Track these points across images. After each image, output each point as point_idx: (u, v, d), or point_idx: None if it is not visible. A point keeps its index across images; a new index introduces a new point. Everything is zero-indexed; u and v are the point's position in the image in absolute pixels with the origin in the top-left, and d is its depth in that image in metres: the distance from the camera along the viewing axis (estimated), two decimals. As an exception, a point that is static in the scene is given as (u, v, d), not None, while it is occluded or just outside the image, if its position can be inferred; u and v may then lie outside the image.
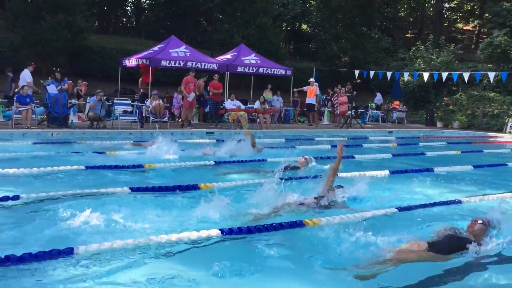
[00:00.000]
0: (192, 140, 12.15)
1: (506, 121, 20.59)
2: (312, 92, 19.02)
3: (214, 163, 8.50)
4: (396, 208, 5.57)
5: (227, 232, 4.38)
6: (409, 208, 5.66)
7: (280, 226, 4.65)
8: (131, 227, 4.55)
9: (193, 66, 17.23)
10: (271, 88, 20.04)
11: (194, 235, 4.23)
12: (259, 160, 8.89)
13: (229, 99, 16.85)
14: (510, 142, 16.92)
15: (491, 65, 26.61)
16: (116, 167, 7.60)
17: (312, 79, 19.95)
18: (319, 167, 7.91)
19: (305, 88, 19.50)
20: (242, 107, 16.78)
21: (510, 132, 19.69)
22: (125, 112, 14.89)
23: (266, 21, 25.10)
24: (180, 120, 16.19)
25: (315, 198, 5.46)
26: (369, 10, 28.86)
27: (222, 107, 16.84)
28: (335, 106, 19.88)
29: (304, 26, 36.60)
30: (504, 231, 4.36)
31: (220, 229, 4.39)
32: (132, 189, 5.97)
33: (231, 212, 5.18)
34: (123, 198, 5.70)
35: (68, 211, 4.79)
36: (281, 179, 5.73)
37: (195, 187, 6.32)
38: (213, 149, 9.61)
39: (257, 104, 17.38)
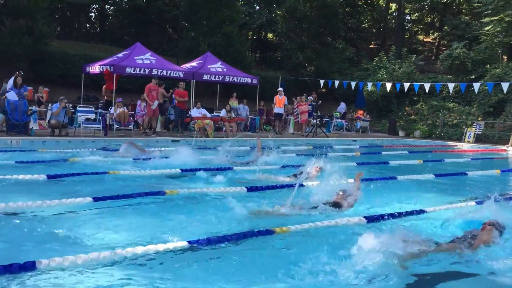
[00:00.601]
0: (159, 148, 11.98)
1: (465, 130, 21.23)
2: (280, 101, 19.18)
3: (180, 171, 8.39)
4: (364, 217, 5.61)
5: (195, 243, 4.30)
6: (376, 217, 5.69)
7: (250, 234, 4.62)
8: (95, 239, 4.42)
9: (159, 73, 17.06)
10: (237, 97, 20.06)
11: (161, 247, 4.13)
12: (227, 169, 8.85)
13: (195, 107, 16.74)
14: (469, 151, 17.43)
15: (450, 76, 27.46)
16: (79, 175, 7.39)
17: (280, 89, 20.11)
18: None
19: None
20: (208, 115, 16.69)
21: (468, 142, 20.31)
22: (88, 119, 14.57)
23: (232, 30, 25.17)
24: (143, 128, 15.95)
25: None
26: (333, 21, 29.32)
27: (187, 115, 16.71)
28: (294, 114, 20.11)
29: (270, 35, 36.90)
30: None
31: (188, 241, 4.31)
32: (96, 199, 5.80)
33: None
34: (86, 208, 5.54)
35: (28, 223, 4.61)
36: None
37: (161, 193, 6.21)
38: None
39: (223, 113, 17.33)
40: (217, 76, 19.28)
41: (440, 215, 6.05)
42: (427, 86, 21.97)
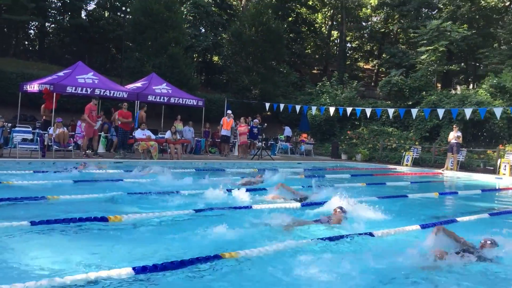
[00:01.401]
0: (104, 171, 11.61)
1: (403, 154, 22.06)
2: (228, 124, 19.16)
3: (127, 193, 8.13)
4: (312, 239, 5.61)
5: (140, 270, 4.11)
6: (326, 239, 5.71)
7: (197, 260, 4.48)
8: (31, 267, 4.13)
9: (102, 93, 16.62)
10: (182, 119, 19.85)
11: (103, 274, 3.92)
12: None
13: (139, 129, 16.38)
14: (407, 174, 18.07)
15: (389, 102, 28.57)
16: (16, 199, 6.97)
17: (229, 111, 20.11)
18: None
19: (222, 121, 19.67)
20: (153, 137, 16.38)
21: (407, 165, 21.07)
22: (24, 140, 13.89)
23: (178, 51, 25.05)
24: (83, 149, 15.40)
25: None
26: (278, 46, 29.89)
27: (131, 136, 16.32)
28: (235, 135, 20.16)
29: (215, 58, 37.06)
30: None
31: (133, 267, 4.11)
32: (33, 223, 5.46)
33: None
34: (23, 233, 5.20)
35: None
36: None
37: (103, 219, 5.95)
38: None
39: (168, 134, 17.06)
40: (162, 97, 19.02)
41: (388, 238, 6.14)
42: (368, 111, 22.71)
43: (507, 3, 37.56)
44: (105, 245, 4.91)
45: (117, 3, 32.41)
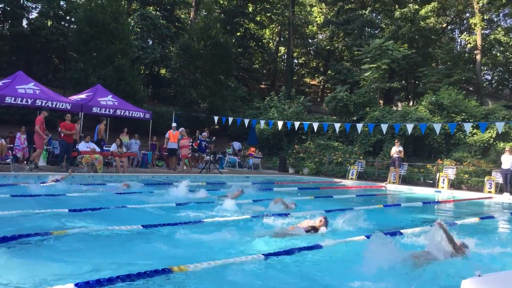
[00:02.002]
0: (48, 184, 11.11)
1: (348, 168, 22.60)
2: (175, 137, 18.90)
3: (67, 211, 7.81)
4: (263, 254, 5.59)
5: (83, 286, 3.94)
6: (273, 254, 5.70)
7: (145, 274, 4.35)
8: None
9: (44, 104, 16.00)
10: (128, 131, 19.44)
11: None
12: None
13: (83, 141, 15.87)
14: (353, 187, 18.50)
15: (335, 117, 29.26)
16: None
17: (174, 124, 19.86)
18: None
19: (167, 134, 19.36)
20: (98, 149, 15.91)
21: (351, 179, 21.59)
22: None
23: (124, 63, 24.61)
24: (25, 162, 14.75)
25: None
26: (226, 60, 30.02)
27: (74, 149, 15.78)
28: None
29: (163, 71, 36.71)
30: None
31: (75, 284, 3.93)
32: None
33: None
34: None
35: None
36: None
37: (48, 234, 5.68)
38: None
39: (113, 147, 16.62)
40: (107, 109, 18.57)
41: (336, 249, 6.23)
42: (315, 126, 23.14)
43: (444, 25, 39.72)
44: (47, 261, 4.67)
45: (61, 12, 31.50)
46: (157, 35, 33.94)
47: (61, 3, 31.16)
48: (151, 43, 34.11)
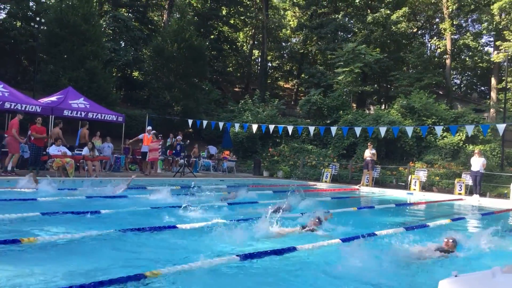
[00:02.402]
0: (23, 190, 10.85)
1: (322, 171, 22.76)
2: (148, 140, 18.65)
3: (40, 214, 7.62)
4: (237, 255, 5.55)
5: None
6: (249, 255, 5.68)
7: (118, 280, 4.26)
8: None
9: (13, 107, 15.60)
10: (101, 135, 19.12)
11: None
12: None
13: (53, 145, 15.52)
14: (327, 190, 18.60)
15: (308, 120, 29.46)
16: None
17: (149, 127, 19.59)
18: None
19: (141, 136, 19.05)
20: (69, 153, 15.59)
21: (326, 181, 21.75)
22: None
23: (96, 65, 24.20)
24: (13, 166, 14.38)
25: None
26: (200, 63, 29.86)
27: (45, 153, 15.42)
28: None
29: (136, 73, 36.31)
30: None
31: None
32: None
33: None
34: None
35: None
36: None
37: (15, 241, 5.51)
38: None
39: (85, 151, 16.31)
40: (79, 112, 18.22)
41: (307, 252, 6.24)
42: (290, 129, 23.22)
43: (415, 30, 40.50)
44: (18, 269, 4.53)
45: (30, 13, 30.80)
46: (130, 37, 33.56)
47: (31, 4, 30.45)
48: (123, 45, 33.68)
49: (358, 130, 21.57)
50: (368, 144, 20.97)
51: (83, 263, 5.05)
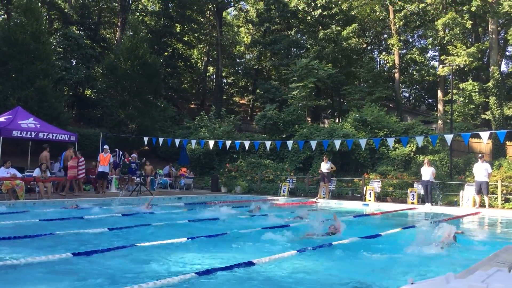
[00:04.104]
0: None
1: (280, 185, 22.95)
2: (105, 159, 18.25)
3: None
4: (195, 273, 5.53)
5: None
6: (207, 271, 5.67)
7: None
8: None
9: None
10: (53, 155, 18.57)
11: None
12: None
13: (2, 167, 14.95)
14: (285, 204, 18.72)
15: (265, 135, 29.68)
16: None
17: (106, 146, 19.20)
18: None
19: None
20: (19, 175, 15.05)
21: (284, 195, 21.92)
22: None
23: (46, 84, 23.55)
24: None
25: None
26: (155, 80, 29.62)
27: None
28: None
29: (88, 92, 35.59)
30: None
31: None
32: None
33: None
34: None
35: None
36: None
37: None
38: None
39: (36, 172, 15.78)
40: (29, 133, 17.66)
41: (269, 265, 6.29)
42: (246, 144, 23.32)
43: (365, 45, 41.85)
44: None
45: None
46: (81, 55, 32.93)
47: (-24, 21, 29.45)
48: (75, 63, 33.00)
49: (313, 144, 21.93)
50: (324, 157, 21.35)
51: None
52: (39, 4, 27.66)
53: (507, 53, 39.79)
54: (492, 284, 2.89)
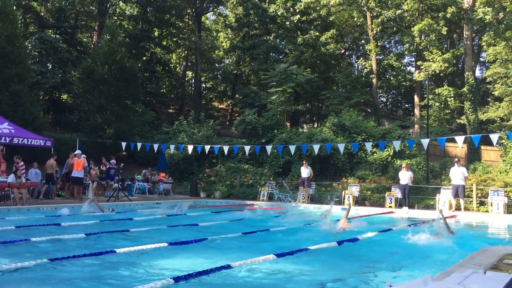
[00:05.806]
0: None
1: (259, 190, 22.95)
2: (79, 165, 17.98)
3: None
4: (172, 278, 5.48)
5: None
6: (184, 277, 5.63)
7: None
8: None
9: None
10: (27, 161, 18.20)
11: None
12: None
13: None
14: (265, 209, 18.67)
15: (244, 140, 29.67)
16: None
17: (79, 151, 18.91)
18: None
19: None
20: (-8, 181, 14.73)
21: (263, 200, 21.92)
22: None
23: (21, 88, 23.12)
24: None
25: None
26: (133, 84, 29.31)
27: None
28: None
29: (64, 96, 35.07)
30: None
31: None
32: None
33: None
34: None
35: None
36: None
37: None
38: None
39: (11, 178, 15.46)
40: (3, 138, 17.31)
41: (245, 268, 6.28)
42: (226, 149, 23.27)
43: (343, 51, 42.29)
44: None
45: None
46: (57, 59, 32.45)
47: None
48: (51, 67, 32.50)
49: (292, 148, 22.01)
50: (303, 161, 21.44)
51: None
52: (14, 7, 27.16)
53: (481, 59, 40.68)
54: (468, 286, 2.93)
